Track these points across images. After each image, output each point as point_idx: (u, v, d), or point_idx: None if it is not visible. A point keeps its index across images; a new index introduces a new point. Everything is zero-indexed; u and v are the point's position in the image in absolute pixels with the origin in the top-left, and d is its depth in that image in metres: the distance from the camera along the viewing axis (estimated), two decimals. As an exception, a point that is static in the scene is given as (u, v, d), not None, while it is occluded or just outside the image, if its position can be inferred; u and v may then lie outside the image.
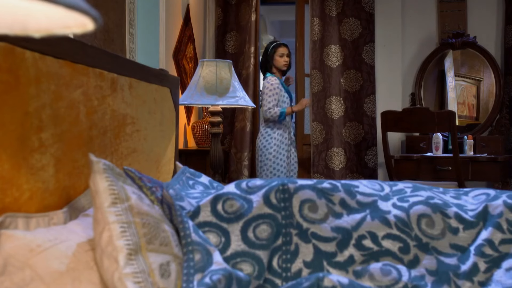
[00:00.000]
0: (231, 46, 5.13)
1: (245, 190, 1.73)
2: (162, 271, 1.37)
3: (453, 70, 5.57)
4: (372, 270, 1.56)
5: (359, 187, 1.78)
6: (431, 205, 1.72)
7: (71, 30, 0.86)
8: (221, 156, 3.26)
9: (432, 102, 5.55)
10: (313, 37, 5.09)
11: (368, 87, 5.09)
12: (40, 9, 0.80)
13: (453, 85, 5.62)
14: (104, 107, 1.95)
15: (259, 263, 1.60)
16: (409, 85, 5.30)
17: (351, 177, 5.10)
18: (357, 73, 5.10)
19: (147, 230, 1.41)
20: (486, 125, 5.08)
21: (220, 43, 5.16)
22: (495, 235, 1.65)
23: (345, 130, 5.10)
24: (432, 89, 5.53)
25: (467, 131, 5.12)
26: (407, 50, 5.26)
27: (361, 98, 5.10)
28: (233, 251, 1.61)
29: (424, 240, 1.65)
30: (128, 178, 1.57)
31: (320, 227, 1.65)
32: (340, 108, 5.09)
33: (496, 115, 5.05)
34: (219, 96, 3.05)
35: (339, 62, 5.10)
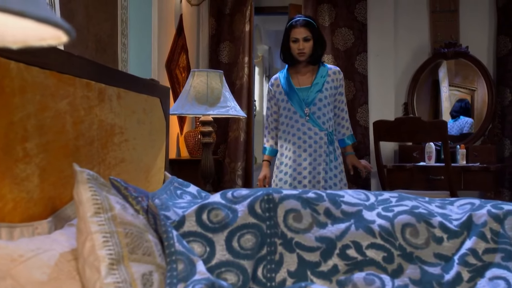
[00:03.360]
0: (224, 56, 5.15)
1: (230, 200, 1.74)
2: (145, 280, 1.37)
3: (447, 80, 5.61)
4: (356, 279, 1.57)
5: (344, 197, 1.79)
6: (416, 214, 1.73)
7: (46, 42, 0.88)
8: (212, 166, 3.27)
9: (426, 112, 5.58)
10: (306, 47, 5.11)
11: (361, 97, 5.11)
12: (15, 22, 0.81)
13: (447, 95, 5.65)
14: (91, 117, 1.96)
15: (244, 272, 1.61)
16: (402, 95, 5.32)
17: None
18: (350, 82, 5.12)
19: (130, 240, 1.41)
20: (478, 135, 5.10)
21: (213, 53, 5.19)
22: (479, 244, 1.66)
23: (338, 139, 5.11)
24: (426, 98, 5.56)
25: (460, 141, 5.14)
26: (400, 60, 5.29)
27: (354, 107, 5.11)
28: (217, 261, 1.62)
29: (408, 250, 1.66)
30: (113, 188, 1.57)
31: (304, 236, 1.65)
32: (333, 118, 5.10)
33: (488, 125, 5.07)
34: (209, 106, 3.06)
35: (332, 72, 5.12)
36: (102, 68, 2.08)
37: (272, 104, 3.37)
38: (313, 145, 3.21)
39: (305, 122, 3.22)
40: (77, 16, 3.05)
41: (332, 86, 3.29)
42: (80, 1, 3.08)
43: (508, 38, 5.00)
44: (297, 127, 3.24)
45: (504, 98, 5.01)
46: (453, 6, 5.22)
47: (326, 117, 3.23)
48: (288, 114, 3.27)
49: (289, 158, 3.25)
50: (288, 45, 3.28)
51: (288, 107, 3.28)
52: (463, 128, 5.40)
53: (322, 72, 3.29)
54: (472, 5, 5.18)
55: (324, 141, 3.20)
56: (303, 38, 3.23)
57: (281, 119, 3.32)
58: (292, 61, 3.32)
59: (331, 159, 3.22)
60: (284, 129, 3.29)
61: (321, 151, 3.19)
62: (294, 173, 3.22)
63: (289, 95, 3.27)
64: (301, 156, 3.20)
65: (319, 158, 3.19)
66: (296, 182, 3.21)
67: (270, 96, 3.39)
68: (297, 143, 3.22)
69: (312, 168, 3.19)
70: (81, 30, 3.09)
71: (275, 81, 3.37)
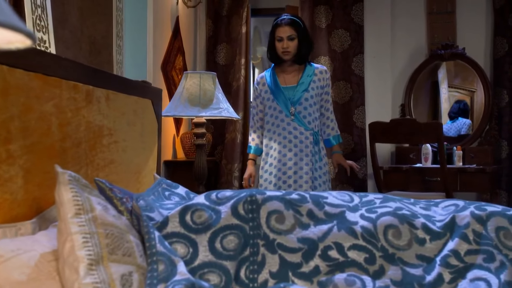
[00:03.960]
0: (221, 57, 5.16)
1: (214, 201, 1.75)
2: (124, 281, 1.38)
3: (447, 81, 5.61)
4: (337, 281, 1.57)
5: (328, 198, 1.79)
6: (399, 216, 1.73)
7: (14, 46, 0.89)
8: (206, 167, 3.28)
9: (425, 113, 5.58)
10: (303, 48, 5.12)
11: (357, 98, 5.12)
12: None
13: (446, 96, 5.65)
14: (79, 119, 1.97)
15: (226, 273, 1.62)
16: (399, 96, 5.32)
17: (341, 188, 5.11)
18: (347, 84, 5.12)
19: (110, 240, 1.43)
20: (475, 136, 5.10)
21: (210, 54, 5.20)
22: (461, 246, 1.67)
23: (335, 141, 5.11)
24: (425, 100, 5.56)
25: (458, 142, 5.14)
26: (397, 61, 5.29)
27: (351, 109, 5.12)
28: (200, 262, 1.63)
29: (390, 251, 1.66)
30: (95, 189, 1.59)
31: (287, 238, 1.66)
32: (330, 119, 5.11)
33: (485, 126, 5.07)
34: (202, 107, 3.08)
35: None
36: (90, 70, 2.09)
37: (257, 102, 3.36)
38: (298, 144, 3.19)
39: (291, 121, 3.20)
40: (71, 18, 3.07)
41: (319, 86, 3.27)
42: (74, 3, 3.10)
43: (505, 40, 4.99)
44: (283, 126, 3.22)
45: (501, 100, 5.01)
46: (450, 8, 5.22)
47: (311, 116, 3.22)
48: (274, 113, 3.25)
49: (274, 157, 3.23)
50: (274, 44, 3.27)
51: (274, 106, 3.26)
52: (461, 130, 5.40)
53: (309, 72, 3.28)
54: (469, 6, 5.18)
55: (310, 140, 3.19)
56: (287, 37, 3.21)
57: (266, 118, 3.30)
58: (277, 60, 3.31)
59: (316, 159, 3.21)
60: (270, 128, 3.27)
61: (307, 151, 3.18)
62: (279, 173, 3.20)
63: (275, 94, 3.25)
64: (286, 156, 3.19)
65: (305, 158, 3.18)
66: (281, 182, 3.20)
67: (256, 95, 3.37)
68: (283, 143, 3.21)
69: (298, 168, 3.17)
70: (74, 32, 3.10)
71: (261, 80, 3.35)
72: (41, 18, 2.51)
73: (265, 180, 3.24)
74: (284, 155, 3.20)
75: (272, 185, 3.20)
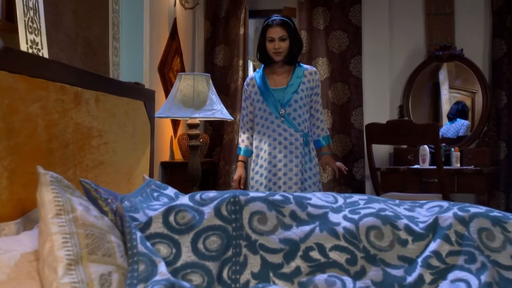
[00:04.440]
0: (220, 59, 5.17)
1: (198, 202, 1.76)
2: (103, 281, 1.39)
3: (448, 83, 5.60)
4: (317, 281, 1.58)
5: (311, 200, 1.80)
6: (382, 217, 1.74)
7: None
8: (199, 169, 3.29)
9: (426, 115, 5.58)
10: (300, 50, 5.13)
11: (355, 100, 5.12)
12: None
13: (447, 97, 5.64)
14: (66, 120, 1.99)
15: (208, 274, 1.63)
16: (397, 98, 5.32)
17: (339, 189, 5.12)
18: (345, 85, 5.13)
19: (90, 241, 1.44)
20: (473, 137, 5.10)
21: (209, 56, 5.21)
22: (443, 247, 1.67)
23: (333, 142, 5.12)
24: (426, 101, 5.56)
25: (456, 143, 5.13)
26: (396, 62, 5.29)
27: (349, 110, 5.12)
28: (183, 262, 1.64)
29: (372, 252, 1.67)
30: (78, 190, 1.60)
31: (268, 238, 1.67)
32: (328, 121, 5.12)
33: (483, 127, 5.07)
34: (195, 109, 3.09)
35: (326, 75, 5.14)
36: (77, 71, 2.11)
37: (247, 104, 3.34)
38: (288, 146, 3.18)
39: (281, 123, 3.19)
40: (65, 20, 3.08)
41: (308, 87, 3.27)
42: (69, 5, 3.11)
43: (503, 41, 4.99)
44: (273, 128, 3.21)
45: (500, 101, 5.00)
46: (449, 9, 5.22)
47: (301, 118, 3.22)
48: (264, 114, 3.24)
49: (264, 159, 3.22)
50: (264, 45, 3.26)
51: (264, 107, 3.24)
52: (459, 131, 5.39)
53: (298, 73, 3.26)
54: (467, 7, 5.18)
55: (300, 142, 3.19)
56: (279, 38, 3.20)
57: (256, 119, 3.28)
58: (268, 61, 3.30)
59: (306, 161, 3.21)
60: (260, 130, 3.26)
61: (297, 152, 3.18)
62: (269, 174, 3.20)
63: (264, 96, 3.24)
64: (276, 158, 3.19)
65: (295, 160, 3.17)
66: (271, 184, 3.19)
67: (245, 96, 3.35)
68: (273, 144, 3.20)
69: (288, 169, 3.17)
70: (69, 34, 3.12)
71: (251, 81, 3.33)
72: (34, 20, 2.52)
73: (256, 181, 3.24)
74: (274, 157, 3.20)
75: (262, 187, 3.20)
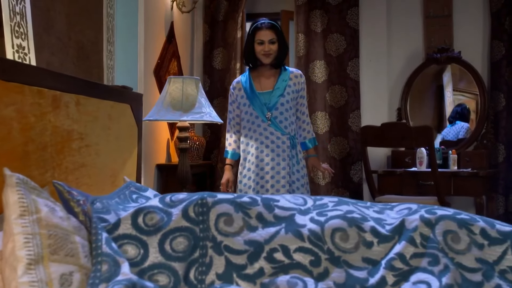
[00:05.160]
0: (218, 62, 5.21)
1: (167, 204, 1.79)
2: (63, 280, 1.42)
3: (452, 85, 5.59)
4: (279, 282, 1.60)
5: (279, 201, 1.82)
6: (348, 219, 1.75)
7: None
8: (189, 171, 3.32)
9: (430, 117, 5.57)
10: (298, 53, 5.16)
11: (353, 102, 5.13)
12: None
13: (451, 100, 5.63)
14: (44, 124, 2.03)
15: (175, 274, 1.65)
16: (396, 100, 5.32)
17: (336, 192, 5.12)
18: (342, 88, 5.14)
19: (52, 241, 1.47)
20: (471, 140, 5.08)
21: (207, 59, 5.25)
22: (407, 249, 1.68)
23: (331, 145, 5.14)
24: (430, 104, 5.55)
25: (456, 146, 5.12)
26: (394, 65, 5.29)
27: (346, 113, 5.13)
28: (150, 263, 1.67)
29: (336, 254, 1.68)
30: (45, 191, 1.63)
31: (233, 240, 1.70)
32: (325, 123, 5.13)
33: (481, 130, 5.05)
34: (184, 112, 3.12)
35: (324, 78, 5.15)
36: (56, 75, 2.15)
37: (234, 107, 3.36)
38: (275, 149, 3.20)
39: (267, 126, 3.22)
40: (57, 24, 3.13)
41: (294, 90, 3.29)
42: (61, 10, 3.16)
43: (502, 43, 4.97)
44: (259, 131, 3.23)
45: (498, 103, 4.98)
46: (447, 11, 5.21)
47: (288, 121, 3.24)
48: (250, 118, 3.26)
49: (252, 162, 3.24)
50: (252, 48, 3.27)
51: (250, 111, 3.26)
52: (459, 133, 5.37)
53: (284, 76, 3.29)
54: (466, 9, 5.17)
55: (287, 145, 3.21)
56: (269, 40, 3.23)
57: (243, 123, 3.30)
58: (255, 64, 3.33)
59: (293, 163, 3.23)
60: (247, 133, 3.28)
61: (284, 155, 3.20)
62: (257, 177, 3.21)
63: (250, 99, 3.26)
64: (263, 161, 3.21)
65: (282, 162, 3.19)
66: (259, 187, 3.21)
67: (232, 100, 3.37)
68: (260, 148, 3.22)
69: (275, 172, 3.19)
70: (61, 38, 3.17)
71: (237, 85, 3.36)
72: (20, 25, 2.57)
73: (244, 185, 3.27)
74: (262, 160, 3.22)
75: (251, 190, 3.21)
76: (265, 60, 3.27)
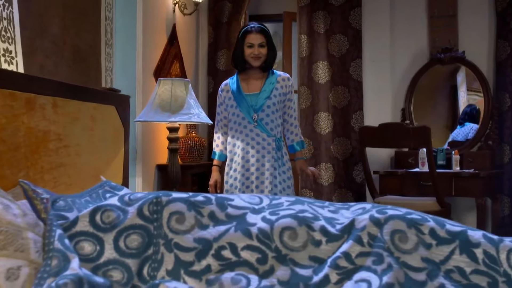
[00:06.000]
0: (222, 63, 5.27)
1: (126, 203, 1.85)
2: (9, 274, 1.50)
3: (465, 85, 5.55)
4: (224, 279, 1.65)
5: (233, 201, 1.87)
6: (299, 218, 1.79)
7: None
8: (179, 171, 3.39)
9: (444, 117, 5.55)
10: (301, 53, 5.19)
11: (355, 103, 5.14)
12: None
13: (465, 100, 5.59)
14: (17, 125, 2.11)
15: (128, 270, 1.72)
16: (401, 100, 5.30)
17: (339, 192, 5.14)
18: (345, 89, 5.15)
19: (3, 237, 1.55)
20: (475, 140, 5.03)
21: (211, 60, 5.31)
22: (354, 248, 1.71)
23: (334, 145, 5.15)
24: (444, 104, 5.53)
25: (458, 146, 5.08)
26: (398, 65, 5.27)
27: (349, 113, 5.14)
28: (106, 259, 1.74)
29: (284, 252, 1.72)
30: (1, 190, 1.71)
31: (183, 237, 1.75)
32: (328, 124, 5.15)
33: (485, 130, 5.00)
34: (172, 113, 3.19)
35: (327, 78, 5.17)
36: (29, 78, 2.23)
37: (222, 109, 3.41)
38: (260, 150, 3.24)
39: (253, 128, 3.27)
40: (51, 28, 3.22)
41: (281, 93, 3.34)
42: (55, 14, 3.25)
43: (507, 43, 4.91)
44: (246, 132, 3.28)
45: (503, 103, 4.93)
46: (452, 11, 5.18)
47: (274, 123, 3.29)
48: (237, 119, 3.31)
49: (237, 163, 3.29)
50: (242, 51, 3.33)
51: (237, 112, 3.31)
52: (468, 134, 5.32)
53: (271, 79, 3.34)
54: (471, 9, 5.12)
55: (272, 146, 3.26)
56: (258, 44, 3.29)
57: (230, 124, 3.35)
58: (243, 67, 3.38)
59: (279, 164, 3.28)
60: (233, 134, 3.33)
61: (269, 157, 3.24)
62: (243, 178, 3.26)
63: (238, 101, 3.32)
64: (249, 162, 3.25)
65: (267, 163, 3.24)
66: (244, 187, 3.27)
67: (220, 102, 3.42)
68: (246, 149, 3.27)
69: (260, 173, 3.24)
70: (55, 41, 3.26)
71: (225, 87, 3.41)
72: (7, 29, 2.66)
73: (231, 185, 3.32)
74: (247, 161, 3.27)
75: (237, 190, 3.27)
76: (254, 62, 3.33)
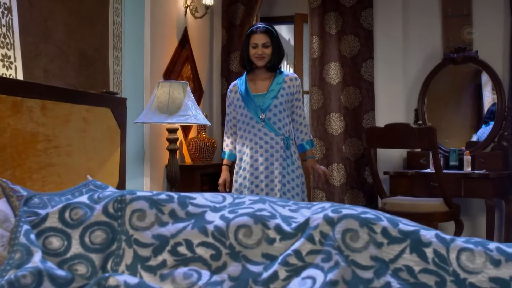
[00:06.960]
0: (235, 65, 5.35)
1: (94, 200, 1.95)
2: (-28, 267, 1.61)
3: (491, 84, 5.49)
4: (176, 274, 1.73)
5: (195, 199, 1.94)
6: (256, 216, 1.85)
7: None
8: (178, 171, 3.49)
9: (469, 117, 5.50)
10: (312, 55, 5.22)
11: (367, 103, 5.14)
12: None
13: (489, 99, 5.53)
14: (3, 127, 2.24)
15: (92, 265, 1.82)
16: (414, 101, 5.27)
17: (351, 193, 5.15)
18: (356, 89, 5.16)
19: (-31, 232, 1.67)
20: (488, 141, 4.97)
21: (224, 62, 5.40)
22: (305, 246, 1.76)
23: (345, 146, 5.17)
24: (468, 104, 5.48)
25: (473, 147, 5.03)
26: (412, 65, 5.25)
27: (360, 114, 5.15)
28: (72, 254, 1.84)
29: (237, 249, 1.79)
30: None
31: (143, 234, 1.84)
32: (340, 125, 5.17)
33: (498, 131, 4.93)
34: (169, 114, 3.28)
35: (339, 79, 5.19)
36: (15, 82, 2.35)
37: (230, 110, 3.48)
38: (269, 149, 3.30)
39: (261, 127, 3.32)
40: (56, 33, 3.35)
41: (288, 93, 3.38)
42: (60, 19, 3.39)
43: (522, 42, 4.84)
44: (254, 132, 3.34)
45: (517, 104, 4.86)
46: (466, 10, 5.12)
47: (282, 122, 3.34)
48: (245, 119, 3.37)
49: (247, 163, 3.35)
50: (248, 51, 3.39)
51: (245, 113, 3.37)
52: (490, 134, 5.25)
53: (279, 79, 3.39)
54: (485, 8, 5.06)
55: (280, 145, 3.31)
56: (262, 44, 3.34)
57: (239, 124, 3.41)
58: (250, 67, 3.43)
59: (288, 163, 3.32)
60: (242, 134, 3.39)
61: (277, 156, 3.30)
62: (252, 177, 3.32)
63: (245, 101, 3.37)
64: (258, 161, 3.31)
65: (275, 163, 3.29)
66: (253, 186, 3.32)
67: (228, 102, 3.50)
68: (254, 148, 3.33)
69: (269, 172, 3.29)
70: (60, 46, 3.40)
71: (234, 88, 3.48)
72: (6, 36, 2.81)
73: (240, 184, 3.38)
74: (256, 160, 3.33)
75: (246, 189, 3.33)
76: (258, 62, 3.38)
